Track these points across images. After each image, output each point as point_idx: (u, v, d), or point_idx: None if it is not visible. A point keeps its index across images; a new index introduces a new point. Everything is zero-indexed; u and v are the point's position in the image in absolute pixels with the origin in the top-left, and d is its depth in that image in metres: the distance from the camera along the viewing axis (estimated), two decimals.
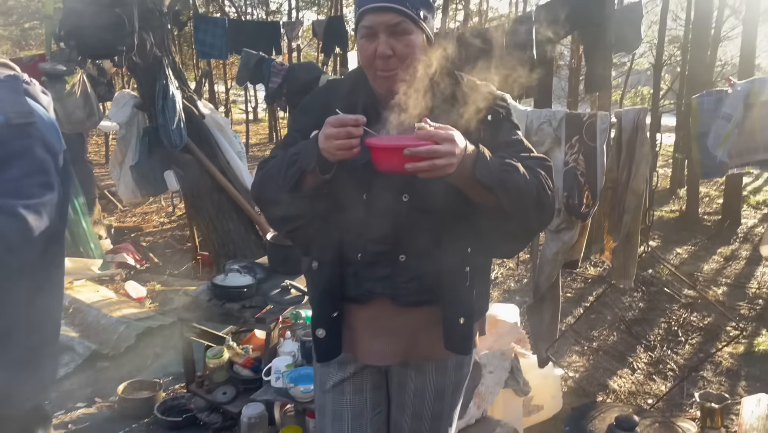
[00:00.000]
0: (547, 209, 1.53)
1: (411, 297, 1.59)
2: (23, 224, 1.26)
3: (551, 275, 2.64)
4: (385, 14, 1.46)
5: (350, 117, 1.34)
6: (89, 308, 4.56)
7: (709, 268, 5.89)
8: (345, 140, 1.32)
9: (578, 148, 2.43)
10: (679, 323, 4.43)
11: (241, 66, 4.89)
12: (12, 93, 1.34)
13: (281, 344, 3.06)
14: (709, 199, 9.20)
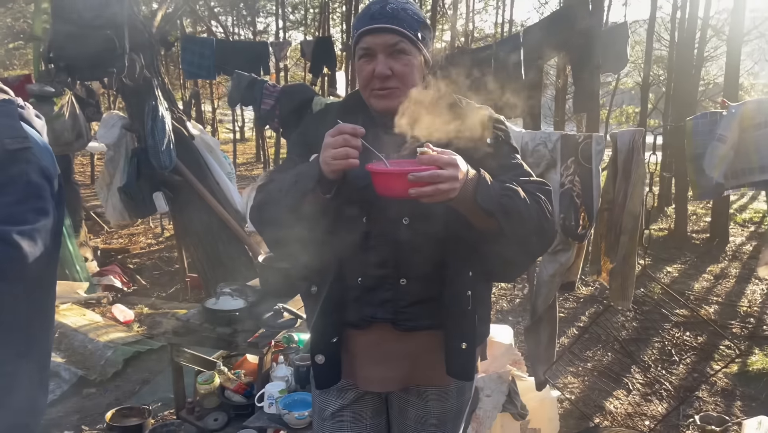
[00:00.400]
0: (548, 234, 1.52)
1: (412, 322, 1.56)
2: (17, 251, 1.23)
3: (548, 297, 2.62)
4: (383, 35, 1.46)
5: (349, 126, 1.33)
6: (75, 333, 4.47)
7: (700, 286, 5.92)
8: (342, 149, 1.30)
9: (574, 170, 2.43)
10: (672, 342, 4.42)
11: (233, 87, 4.87)
12: (6, 118, 1.32)
13: (274, 369, 2.99)
14: (696, 217, 9.28)
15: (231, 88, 5.07)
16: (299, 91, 4.50)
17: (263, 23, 23.42)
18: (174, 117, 4.61)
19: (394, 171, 1.32)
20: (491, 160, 1.53)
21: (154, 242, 8.28)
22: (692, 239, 7.78)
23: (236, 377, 3.17)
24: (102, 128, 4.87)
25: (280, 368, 2.97)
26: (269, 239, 1.65)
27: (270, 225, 1.57)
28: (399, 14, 1.49)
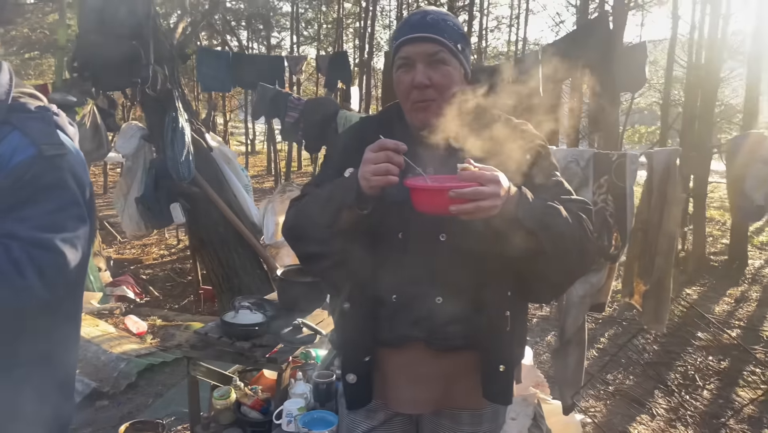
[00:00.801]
0: (589, 254, 1.48)
1: (448, 342, 1.51)
2: (61, 258, 1.23)
3: (578, 319, 2.56)
4: (422, 44, 1.44)
5: (391, 141, 1.30)
6: (89, 344, 4.44)
7: (721, 310, 5.81)
8: (383, 164, 1.26)
9: (607, 189, 2.38)
10: (695, 366, 4.33)
11: (257, 100, 4.86)
12: (43, 124, 1.30)
13: (292, 386, 2.93)
14: (713, 239, 9.17)
15: (255, 100, 5.05)
16: (324, 104, 4.48)
17: (277, 38, 23.65)
18: (193, 128, 4.61)
19: (435, 187, 1.28)
20: (531, 178, 1.49)
21: (167, 253, 8.28)
22: (710, 260, 7.67)
23: (253, 393, 3.11)
24: (121, 139, 4.87)
25: (298, 385, 2.91)
26: (302, 253, 1.61)
27: (303, 240, 1.54)
28: (439, 24, 1.46)
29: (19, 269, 1.16)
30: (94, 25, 3.44)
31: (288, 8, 21.99)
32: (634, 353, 4.36)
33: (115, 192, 5.19)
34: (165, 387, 4.02)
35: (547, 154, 1.58)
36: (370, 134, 1.59)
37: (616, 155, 2.41)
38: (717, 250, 8.40)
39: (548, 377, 3.43)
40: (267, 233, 4.79)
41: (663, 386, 4.01)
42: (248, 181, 5.18)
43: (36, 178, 1.23)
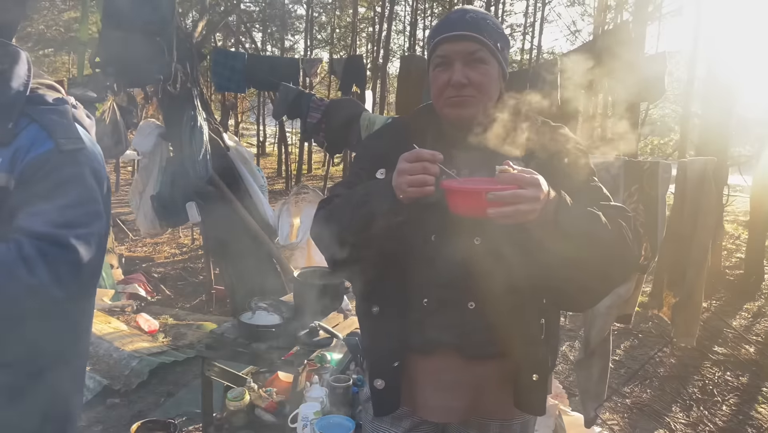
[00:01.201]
0: (628, 263, 1.44)
1: (480, 348, 1.47)
2: (75, 255, 1.19)
3: (603, 330, 2.50)
4: (462, 42, 1.40)
5: (427, 152, 1.25)
6: (101, 340, 4.42)
7: (738, 324, 5.73)
8: (419, 176, 1.23)
9: (638, 197, 2.33)
10: (713, 381, 4.25)
11: (279, 100, 4.84)
12: (61, 117, 1.27)
13: (308, 389, 2.89)
14: (727, 253, 9.06)
15: (277, 100, 5.04)
16: (347, 106, 4.45)
17: (290, 40, 23.75)
18: (211, 128, 4.60)
19: (473, 189, 1.25)
20: (569, 182, 1.45)
21: (179, 252, 8.27)
22: (726, 274, 7.57)
23: (268, 395, 3.08)
24: (138, 136, 4.87)
25: (314, 389, 2.87)
26: (331, 257, 1.57)
27: (333, 244, 1.50)
28: (479, 23, 1.43)
29: (29, 267, 1.13)
30: (117, 20, 3.43)
31: (302, 11, 22.08)
32: (652, 366, 4.30)
33: (131, 189, 5.18)
34: (176, 387, 4.00)
35: (585, 158, 1.55)
36: (402, 135, 1.56)
37: (648, 163, 2.37)
38: (732, 264, 8.31)
39: (566, 387, 3.38)
40: (281, 234, 4.76)
41: (681, 401, 3.94)
42: (264, 181, 5.16)
43: (52, 173, 1.20)
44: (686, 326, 2.39)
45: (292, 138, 20.77)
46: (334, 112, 4.32)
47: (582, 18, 17.89)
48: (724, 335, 5.22)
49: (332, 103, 4.55)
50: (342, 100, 5.15)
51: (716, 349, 4.82)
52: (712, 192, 2.29)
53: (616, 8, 12.44)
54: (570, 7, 17.84)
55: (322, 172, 20.98)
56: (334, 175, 18.55)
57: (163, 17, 3.52)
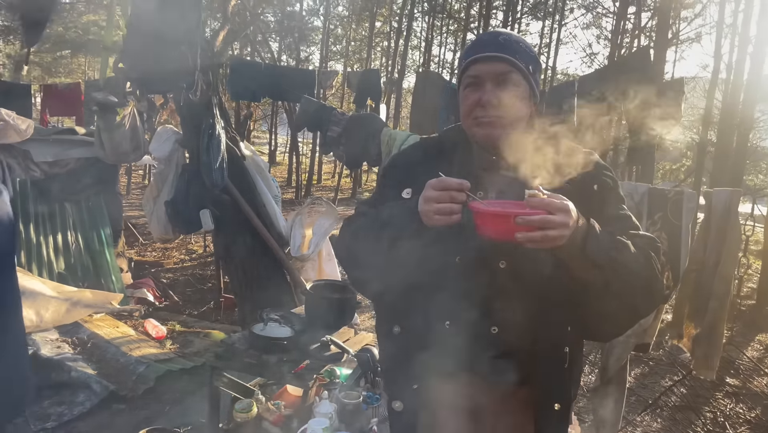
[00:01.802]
0: (656, 294, 1.41)
1: (501, 375, 1.44)
2: None
3: (621, 358, 2.47)
4: (494, 63, 1.40)
5: (455, 181, 1.24)
6: (108, 345, 4.42)
7: (750, 355, 5.65)
8: (446, 205, 1.22)
9: (661, 225, 2.31)
10: (725, 413, 4.19)
11: (300, 112, 4.85)
12: None
13: (317, 404, 2.86)
14: (739, 282, 8.97)
15: (298, 112, 5.05)
16: (368, 121, 4.45)
17: (306, 52, 23.92)
18: (228, 136, 4.61)
19: (502, 212, 1.23)
20: (598, 209, 1.43)
21: (188, 258, 8.28)
22: (738, 304, 7.49)
23: (276, 408, 3.04)
24: (155, 142, 4.89)
25: (323, 404, 2.84)
26: (354, 276, 1.57)
27: (357, 263, 1.50)
28: (512, 45, 1.43)
29: None
30: (143, 28, 3.46)
31: (319, 23, 22.26)
32: (663, 395, 4.24)
33: (145, 194, 5.20)
34: (183, 394, 3.97)
35: (615, 185, 1.53)
36: (430, 156, 1.55)
37: (673, 192, 2.35)
38: (744, 294, 8.22)
39: (576, 414, 3.33)
40: (294, 245, 4.75)
41: (692, 432, 3.88)
42: (278, 192, 5.16)
43: None
44: (706, 359, 2.36)
45: (303, 148, 20.85)
46: (355, 127, 4.32)
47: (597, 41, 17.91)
48: (736, 366, 5.15)
49: (353, 118, 4.56)
50: (363, 115, 5.16)
51: (728, 380, 4.75)
52: (737, 223, 2.27)
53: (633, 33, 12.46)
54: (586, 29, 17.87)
55: (332, 183, 21.03)
56: (344, 187, 18.58)
57: (189, 26, 3.54)
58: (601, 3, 17.14)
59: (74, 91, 8.25)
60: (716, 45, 8.86)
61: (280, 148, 27.46)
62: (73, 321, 4.65)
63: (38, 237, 5.19)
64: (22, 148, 4.87)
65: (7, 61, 18.84)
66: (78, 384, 3.85)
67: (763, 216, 7.61)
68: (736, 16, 9.76)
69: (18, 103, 6.04)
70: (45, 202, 5.24)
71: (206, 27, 10.62)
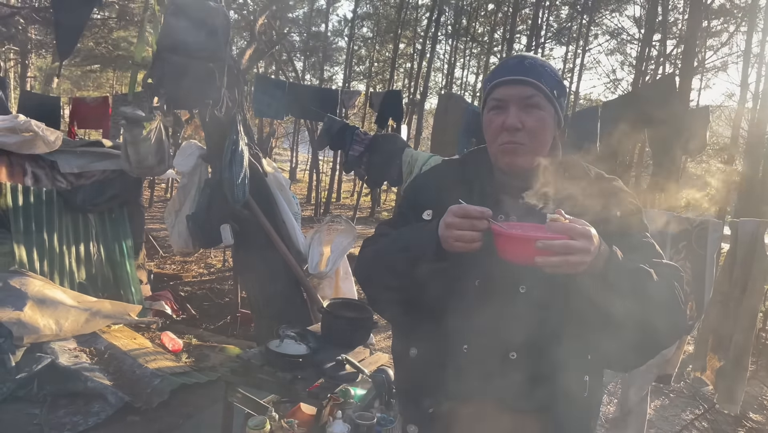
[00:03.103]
0: (680, 324, 1.38)
1: (519, 401, 1.42)
2: None
3: (642, 388, 2.42)
4: (519, 87, 1.40)
5: (476, 209, 1.24)
6: (125, 356, 4.44)
7: None
8: (467, 232, 1.22)
9: (685, 255, 2.27)
10: None
11: (324, 131, 4.90)
12: None
13: (330, 424, 2.84)
14: (762, 315, 8.77)
15: (321, 131, 5.10)
16: (391, 141, 4.48)
17: (330, 71, 24.23)
18: (251, 153, 4.66)
19: (522, 236, 1.23)
20: (621, 237, 1.41)
21: (206, 272, 8.33)
22: (763, 338, 7.31)
23: (289, 427, 3.03)
24: (179, 156, 4.96)
25: (337, 424, 2.82)
26: (373, 297, 1.56)
27: (376, 284, 1.50)
28: (537, 69, 1.43)
29: None
30: (173, 44, 3.53)
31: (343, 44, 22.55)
32: (685, 429, 4.13)
33: (167, 208, 5.26)
34: (196, 409, 3.97)
35: (639, 213, 1.51)
36: (451, 178, 1.55)
37: (698, 221, 2.31)
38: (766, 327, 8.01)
39: None
40: (312, 262, 4.76)
41: None
42: (298, 209, 5.19)
43: None
44: (730, 393, 2.30)
45: (323, 166, 21.01)
46: (378, 147, 4.34)
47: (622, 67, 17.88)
48: (759, 401, 5.01)
49: (376, 138, 4.59)
50: (386, 135, 5.19)
51: (751, 415, 4.62)
52: (764, 255, 2.22)
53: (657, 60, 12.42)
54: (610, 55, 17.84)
55: (351, 201, 21.12)
56: (362, 206, 18.63)
57: (218, 44, 3.61)
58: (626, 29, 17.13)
59: (102, 105, 8.44)
60: (743, 74, 8.80)
61: (301, 166, 27.73)
62: (91, 331, 4.70)
63: (61, 247, 5.26)
64: (49, 159, 4.97)
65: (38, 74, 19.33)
66: (94, 394, 3.87)
67: None
68: (763, 46, 9.70)
69: (47, 115, 6.19)
70: (69, 212, 5.33)
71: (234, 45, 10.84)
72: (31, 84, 17.62)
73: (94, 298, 5.07)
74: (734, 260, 2.30)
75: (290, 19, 18.10)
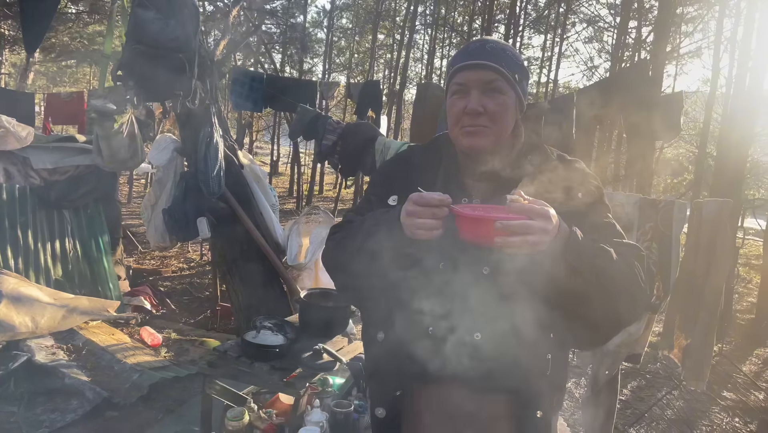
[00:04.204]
0: (639, 302, 1.41)
1: (483, 381, 1.44)
2: None
3: (612, 368, 2.46)
4: (480, 71, 1.40)
5: (435, 197, 1.24)
6: (103, 352, 4.41)
7: (748, 370, 5.62)
8: (428, 220, 1.23)
9: (651, 236, 2.31)
10: (722, 427, 4.16)
11: (296, 121, 4.87)
12: None
13: (308, 413, 2.86)
14: (738, 296, 8.95)
15: (294, 121, 5.07)
16: (363, 130, 4.47)
17: (309, 63, 24.10)
18: (226, 145, 4.63)
19: (481, 217, 1.23)
20: (582, 217, 1.43)
21: (186, 267, 8.28)
22: (737, 318, 7.46)
23: (267, 417, 3.04)
24: (154, 150, 4.91)
25: (315, 413, 2.84)
26: (340, 284, 1.57)
27: (342, 271, 1.50)
28: (498, 53, 1.43)
29: None
30: (141, 36, 3.48)
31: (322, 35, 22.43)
32: (659, 408, 4.21)
33: (143, 202, 5.21)
34: (176, 403, 3.96)
35: (600, 194, 1.53)
36: (417, 163, 1.57)
37: (663, 203, 2.35)
38: (743, 308, 8.19)
39: (570, 426, 3.32)
40: (290, 254, 4.75)
41: None
42: (276, 201, 5.17)
43: None
44: (697, 370, 2.34)
45: (305, 159, 20.94)
46: (350, 136, 4.33)
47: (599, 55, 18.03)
48: (733, 380, 5.12)
49: (348, 127, 4.57)
50: (358, 124, 5.17)
51: (725, 394, 4.72)
52: (727, 234, 2.26)
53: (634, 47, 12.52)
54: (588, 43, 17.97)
55: (334, 194, 21.10)
56: (345, 198, 18.63)
57: (187, 34, 3.57)
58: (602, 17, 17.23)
59: (77, 100, 8.30)
60: (714, 59, 8.90)
61: (283, 159, 27.60)
62: (69, 328, 4.65)
63: (36, 244, 5.20)
64: (21, 156, 4.89)
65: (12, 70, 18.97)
66: (71, 391, 3.84)
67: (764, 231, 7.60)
68: (735, 31, 9.81)
69: (21, 112, 6.09)
70: (44, 209, 5.26)
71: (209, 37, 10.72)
72: (6, 81, 17.30)
73: (71, 295, 5.02)
74: (698, 239, 2.35)
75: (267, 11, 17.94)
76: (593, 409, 2.57)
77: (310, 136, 4.78)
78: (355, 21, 23.32)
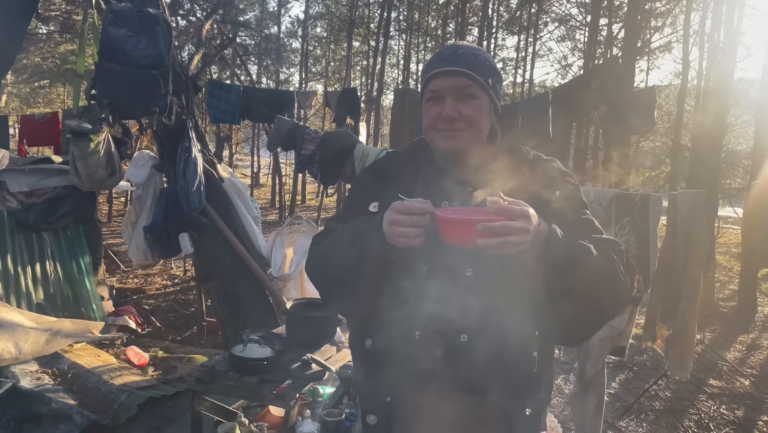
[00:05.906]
0: (620, 295, 1.44)
1: (472, 382, 1.45)
2: None
3: (598, 361, 2.49)
4: (453, 77, 1.42)
5: (417, 205, 1.25)
6: (89, 374, 4.36)
7: (732, 357, 5.70)
8: (410, 229, 1.24)
9: (629, 230, 2.34)
10: (709, 415, 4.22)
11: (274, 132, 4.86)
12: None
13: (299, 424, 2.85)
14: (720, 285, 9.08)
15: (272, 132, 5.06)
16: (342, 138, 4.48)
17: (285, 73, 24.06)
18: (205, 159, 4.61)
19: (462, 219, 1.25)
20: (561, 215, 1.45)
21: (170, 284, 8.20)
22: (719, 307, 7.57)
23: (259, 430, 3.02)
24: (132, 167, 4.87)
25: (306, 423, 2.83)
26: (324, 294, 1.57)
27: (326, 280, 1.51)
28: (471, 59, 1.45)
29: None
30: (114, 53, 3.46)
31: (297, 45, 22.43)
32: (647, 399, 4.26)
33: (124, 220, 5.16)
34: (165, 421, 3.92)
35: (577, 191, 1.56)
36: (396, 169, 1.58)
37: (639, 196, 2.39)
38: (725, 296, 8.31)
39: (561, 422, 3.34)
40: (275, 265, 4.74)
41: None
42: (258, 213, 5.15)
43: None
44: (680, 359, 2.38)
45: (286, 169, 20.89)
46: (329, 144, 4.33)
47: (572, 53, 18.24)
48: (718, 367, 5.19)
49: (327, 135, 4.58)
50: (336, 132, 5.18)
51: (711, 382, 4.79)
52: (702, 224, 2.31)
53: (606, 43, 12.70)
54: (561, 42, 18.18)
55: (316, 203, 21.05)
56: (327, 206, 18.60)
57: (160, 50, 3.55)
58: (573, 16, 17.45)
59: (52, 121, 8.20)
60: (684, 52, 9.05)
61: (264, 170, 27.50)
62: (53, 352, 4.59)
63: (16, 268, 5.12)
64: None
65: None
66: (59, 415, 3.78)
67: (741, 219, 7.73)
68: (703, 24, 10.00)
69: None
70: (22, 232, 5.18)
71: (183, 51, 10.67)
72: None
73: (54, 318, 4.95)
74: (675, 231, 2.39)
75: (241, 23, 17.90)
76: (582, 403, 2.60)
77: (288, 147, 4.78)
78: (330, 29, 23.35)
